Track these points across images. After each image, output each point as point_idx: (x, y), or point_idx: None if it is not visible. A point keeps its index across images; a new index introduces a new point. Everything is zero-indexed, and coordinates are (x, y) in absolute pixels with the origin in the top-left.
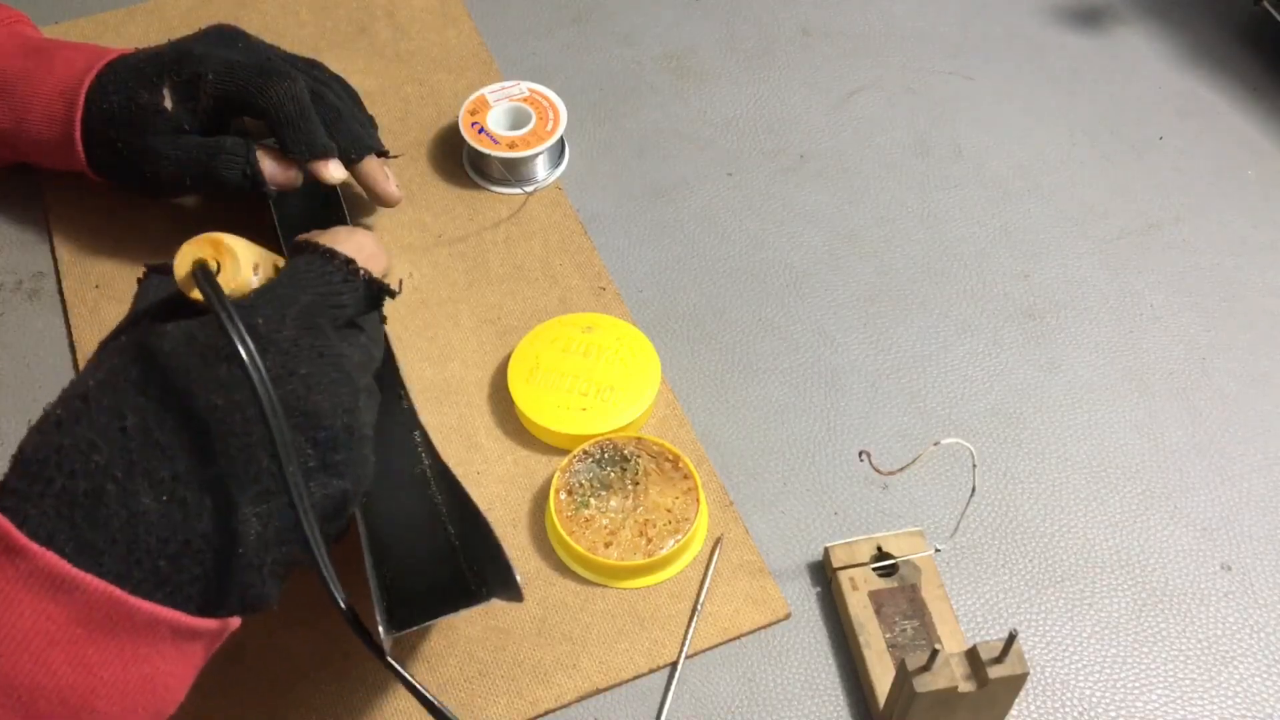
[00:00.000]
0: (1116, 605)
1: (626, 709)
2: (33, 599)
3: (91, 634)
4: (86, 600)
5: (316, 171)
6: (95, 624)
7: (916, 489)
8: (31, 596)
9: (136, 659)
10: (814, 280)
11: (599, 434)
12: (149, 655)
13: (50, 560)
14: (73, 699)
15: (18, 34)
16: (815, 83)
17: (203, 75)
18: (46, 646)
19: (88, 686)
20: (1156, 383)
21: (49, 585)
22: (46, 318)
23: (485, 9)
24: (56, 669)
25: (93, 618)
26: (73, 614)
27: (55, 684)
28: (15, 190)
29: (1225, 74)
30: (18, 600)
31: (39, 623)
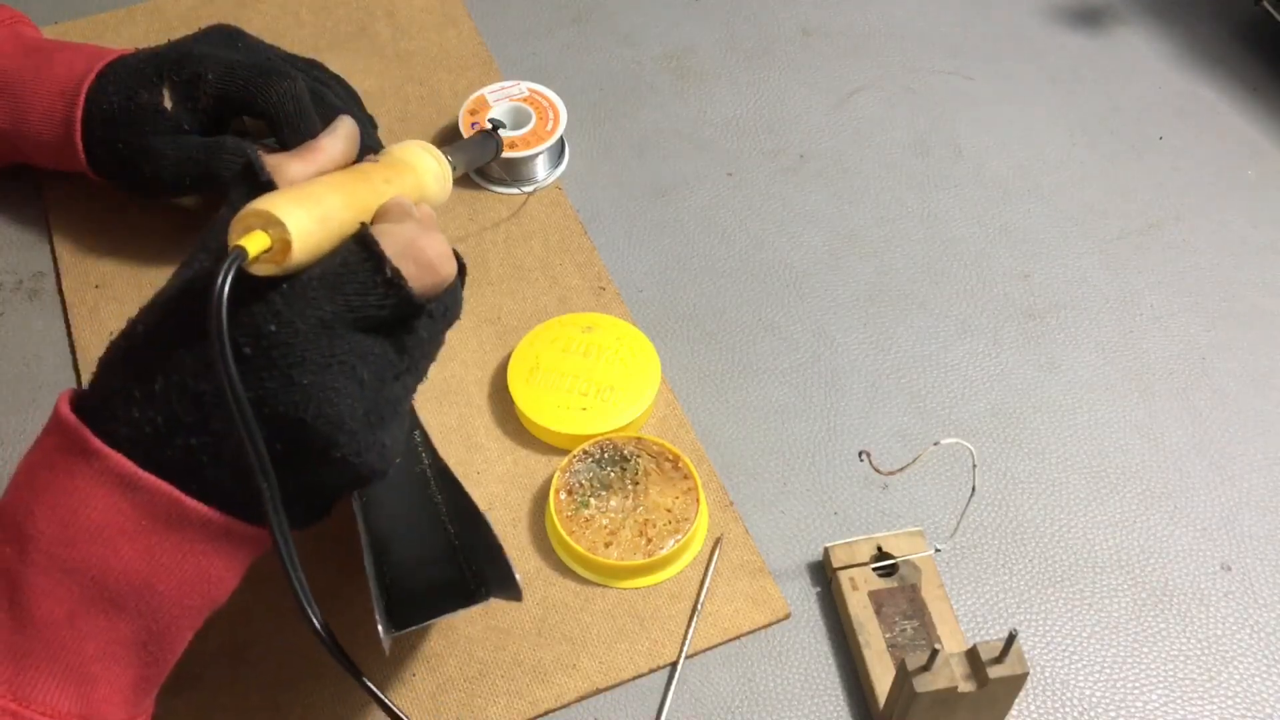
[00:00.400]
0: (1116, 605)
1: (626, 709)
2: (105, 494)
3: (155, 526)
4: (151, 499)
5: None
6: (159, 518)
7: (916, 489)
8: (105, 492)
9: (193, 552)
10: (814, 280)
11: (599, 434)
12: (204, 550)
13: (120, 462)
14: (138, 581)
15: (18, 34)
16: (815, 83)
17: (203, 75)
18: (117, 536)
19: (151, 571)
20: (1156, 383)
21: (120, 484)
22: (46, 318)
23: (485, 9)
24: (125, 555)
25: (156, 513)
26: (139, 509)
27: (124, 567)
28: (15, 190)
29: (1225, 74)
30: (93, 495)
31: (111, 516)
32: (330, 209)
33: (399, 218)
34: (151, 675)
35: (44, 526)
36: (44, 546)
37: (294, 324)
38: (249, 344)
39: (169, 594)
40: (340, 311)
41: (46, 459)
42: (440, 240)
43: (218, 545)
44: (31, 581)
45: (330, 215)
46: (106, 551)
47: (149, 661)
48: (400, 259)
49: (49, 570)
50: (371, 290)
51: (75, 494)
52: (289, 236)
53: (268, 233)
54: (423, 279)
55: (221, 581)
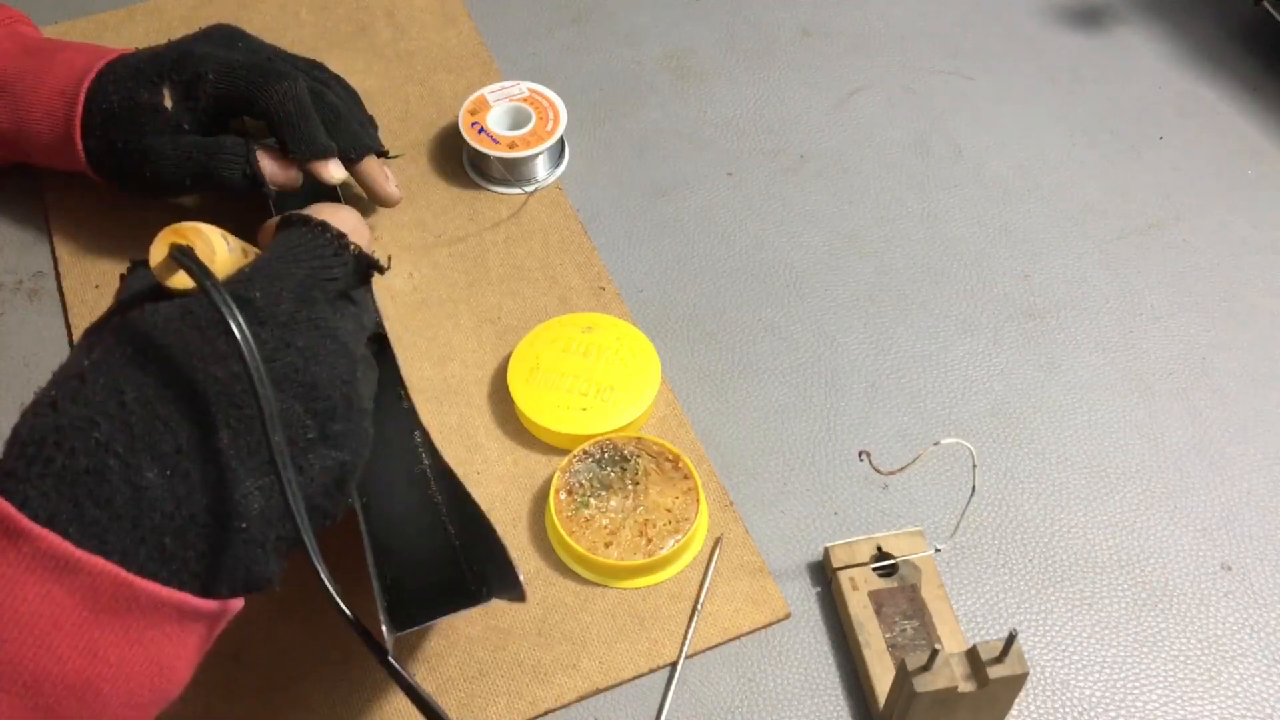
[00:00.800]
0: (1116, 605)
1: (626, 709)
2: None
3: (97, 617)
4: (91, 582)
5: (317, 172)
6: (100, 606)
7: (916, 489)
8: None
9: (142, 641)
10: (814, 280)
11: (599, 434)
12: (154, 638)
13: (53, 542)
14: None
15: (18, 34)
16: (815, 83)
17: (203, 75)
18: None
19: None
20: (1156, 383)
21: (53, 568)
22: (46, 318)
23: (485, 9)
24: (62, 653)
25: (98, 600)
26: (78, 597)
27: (61, 669)
28: (15, 190)
29: (1225, 74)
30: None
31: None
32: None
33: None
34: None
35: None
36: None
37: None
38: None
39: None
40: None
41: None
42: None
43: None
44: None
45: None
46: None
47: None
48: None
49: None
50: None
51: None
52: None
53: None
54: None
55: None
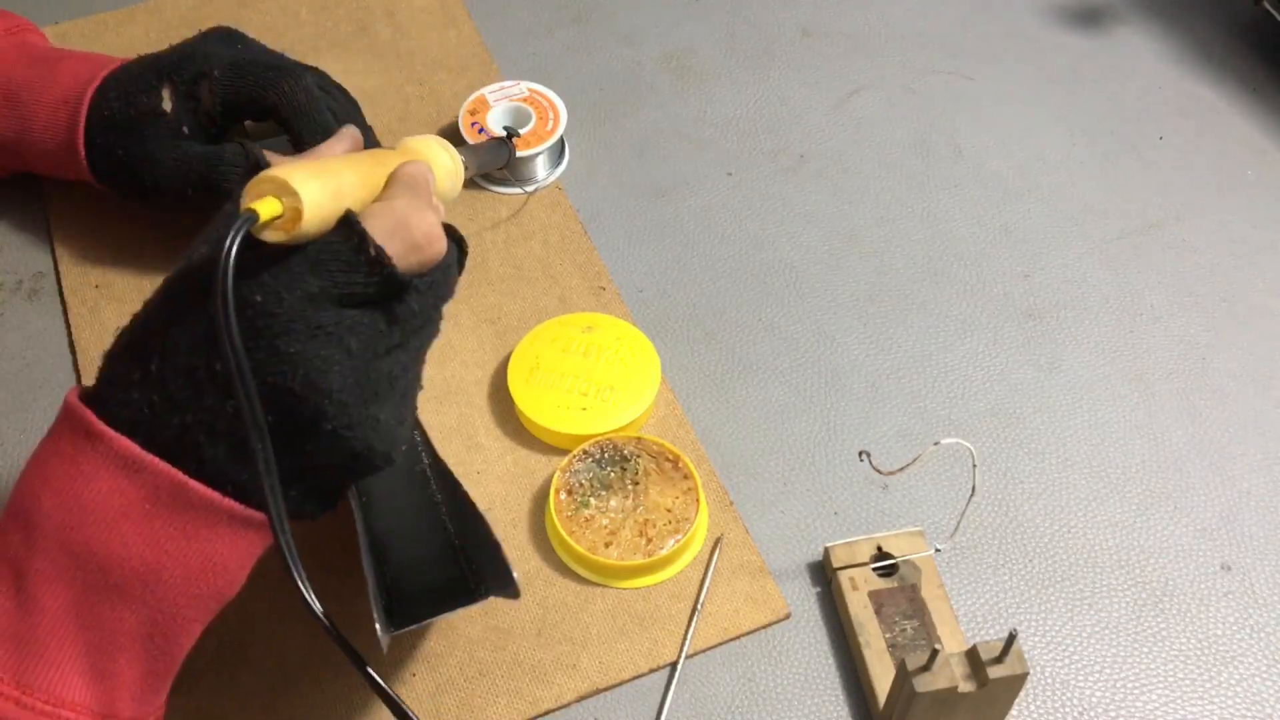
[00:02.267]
0: (1116, 605)
1: (626, 709)
2: (110, 477)
3: (159, 510)
4: (155, 481)
5: None
6: (162, 502)
7: (916, 489)
8: (109, 475)
9: (198, 538)
10: (814, 280)
11: (599, 434)
12: (209, 536)
13: (125, 444)
14: (142, 568)
15: (24, 43)
16: (815, 83)
17: (208, 74)
18: (120, 518)
19: (155, 558)
20: (1156, 383)
21: (123, 466)
22: (46, 318)
23: (485, 9)
24: (129, 539)
25: (159, 497)
26: (143, 492)
27: (127, 552)
28: (15, 191)
29: (1225, 74)
30: (97, 478)
31: (115, 498)
32: (345, 185)
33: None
34: (160, 669)
35: (49, 511)
36: (49, 532)
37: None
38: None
39: (175, 582)
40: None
41: (53, 446)
42: (430, 219)
43: (223, 530)
44: (37, 568)
45: (344, 192)
46: (110, 536)
47: (156, 655)
48: (388, 237)
49: (54, 556)
50: (356, 268)
51: (79, 478)
52: (300, 205)
53: (280, 200)
54: (409, 257)
55: (228, 571)
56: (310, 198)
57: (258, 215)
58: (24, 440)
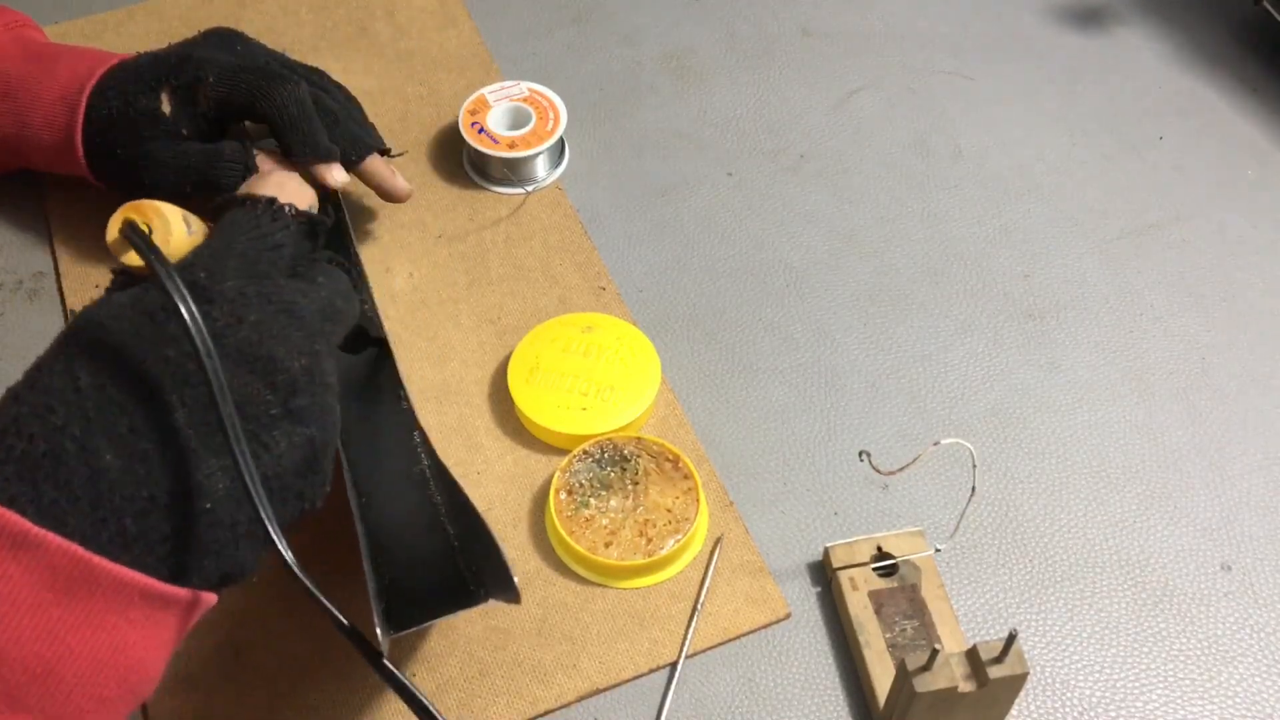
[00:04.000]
0: (1116, 605)
1: (626, 709)
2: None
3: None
4: (49, 560)
5: (319, 175)
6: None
7: (916, 489)
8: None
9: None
10: (814, 280)
11: (599, 434)
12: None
13: (8, 518)
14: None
15: (22, 38)
16: (815, 83)
17: (203, 79)
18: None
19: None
20: (1156, 383)
21: (10, 545)
22: (46, 318)
23: (485, 9)
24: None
25: (56, 580)
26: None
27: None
28: (15, 191)
29: (1225, 74)
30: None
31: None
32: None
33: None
34: None
35: None
36: None
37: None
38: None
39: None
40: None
41: None
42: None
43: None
44: None
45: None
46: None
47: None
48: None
49: None
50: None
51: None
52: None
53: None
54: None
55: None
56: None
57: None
58: None
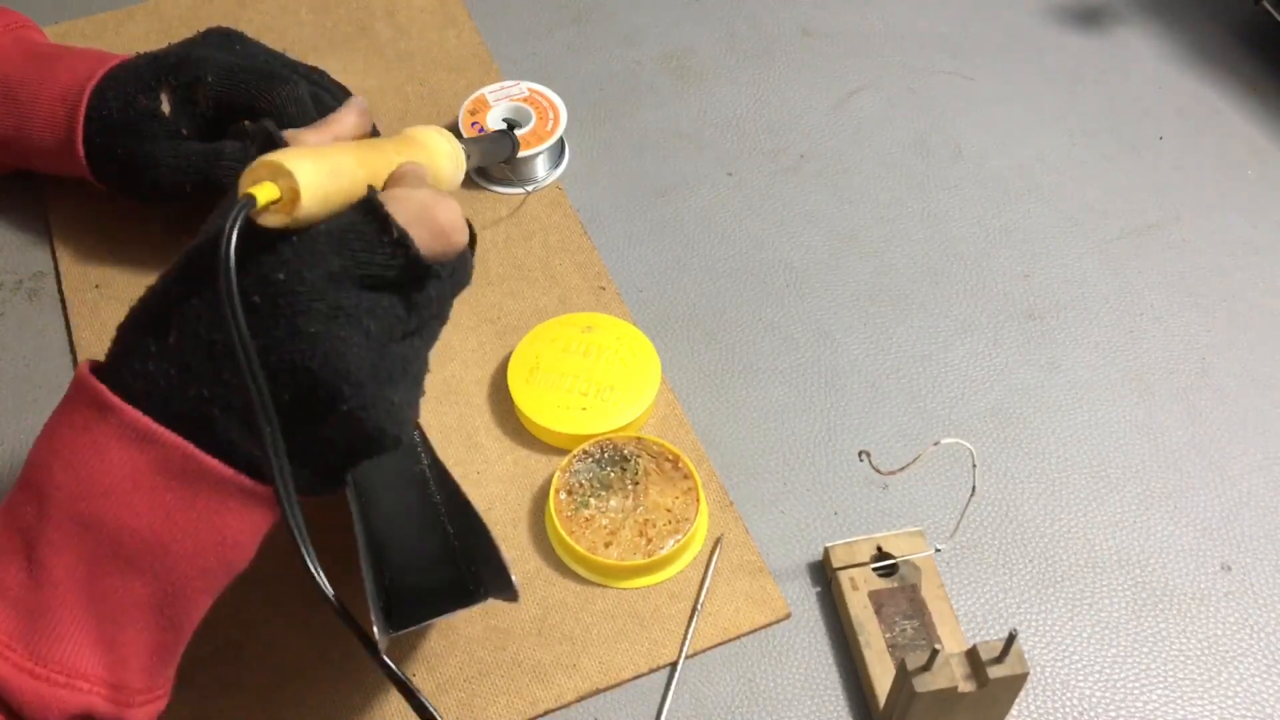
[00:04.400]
0: (1116, 605)
1: (626, 709)
2: (122, 449)
3: (169, 482)
4: (166, 453)
5: None
6: (173, 474)
7: (916, 489)
8: (121, 446)
9: (208, 510)
10: (814, 280)
11: (599, 434)
12: (219, 509)
13: (137, 416)
14: (153, 539)
15: (23, 39)
16: (815, 83)
17: (202, 79)
18: (131, 490)
19: (166, 529)
20: (1156, 383)
21: (136, 438)
22: (46, 318)
23: (485, 9)
24: (140, 510)
25: (170, 469)
26: (155, 464)
27: (138, 523)
28: (15, 190)
29: (1225, 74)
30: (109, 449)
31: (127, 470)
32: (341, 165)
33: (414, 183)
34: (169, 642)
35: (61, 483)
36: (61, 503)
37: (301, 274)
38: (257, 293)
39: (185, 554)
40: (347, 266)
41: (65, 418)
42: (453, 207)
43: (233, 504)
44: (49, 538)
45: (341, 171)
46: (121, 508)
47: (166, 626)
48: (413, 223)
49: (66, 527)
50: (378, 249)
51: (91, 449)
52: (297, 186)
53: (277, 183)
54: (433, 244)
55: (238, 545)
56: (306, 178)
57: (255, 199)
58: (24, 440)
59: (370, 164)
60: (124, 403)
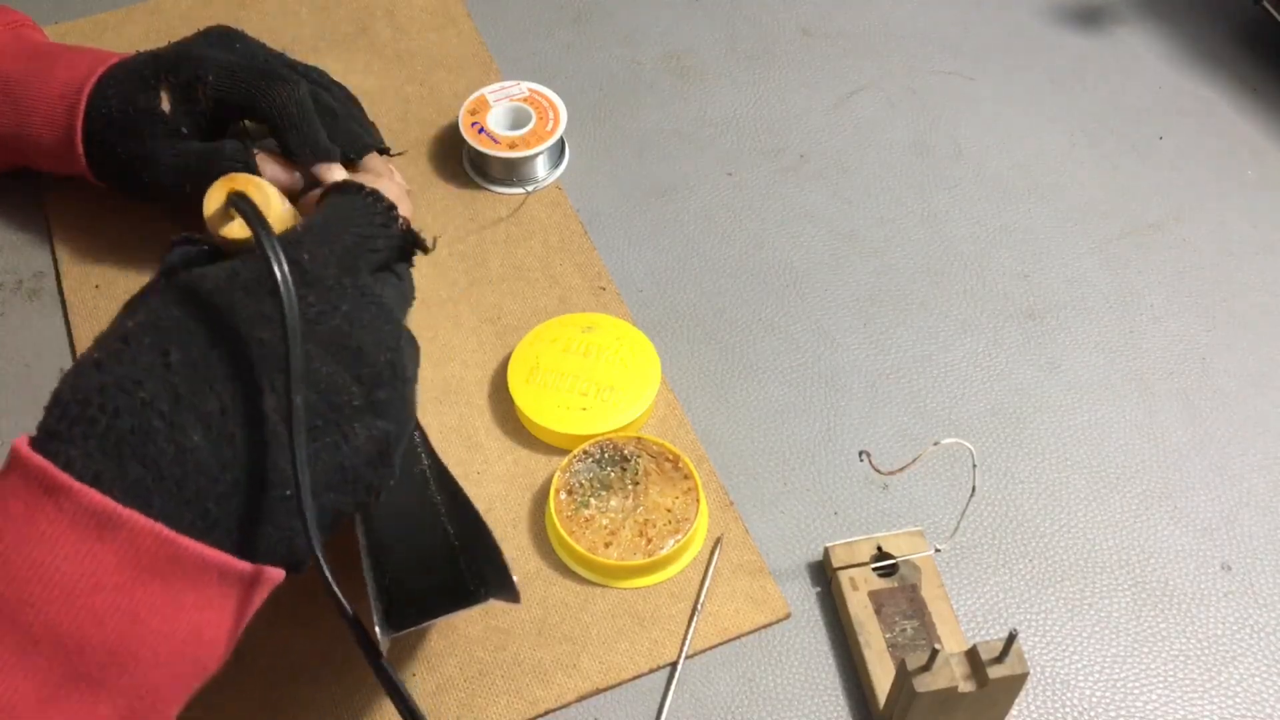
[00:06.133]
0: (1116, 605)
1: (626, 709)
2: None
3: (139, 577)
4: (134, 540)
5: (319, 175)
6: (143, 566)
7: (916, 489)
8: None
9: (184, 606)
10: (814, 280)
11: (599, 434)
12: (196, 603)
13: (95, 498)
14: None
15: (22, 38)
16: (815, 83)
17: (201, 78)
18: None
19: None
20: (1156, 383)
21: (94, 525)
22: (46, 318)
23: (485, 9)
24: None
25: (140, 560)
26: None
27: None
28: (15, 190)
29: (1225, 74)
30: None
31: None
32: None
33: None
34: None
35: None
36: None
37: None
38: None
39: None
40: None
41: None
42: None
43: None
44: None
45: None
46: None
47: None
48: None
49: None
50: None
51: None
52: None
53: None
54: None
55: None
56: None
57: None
58: None
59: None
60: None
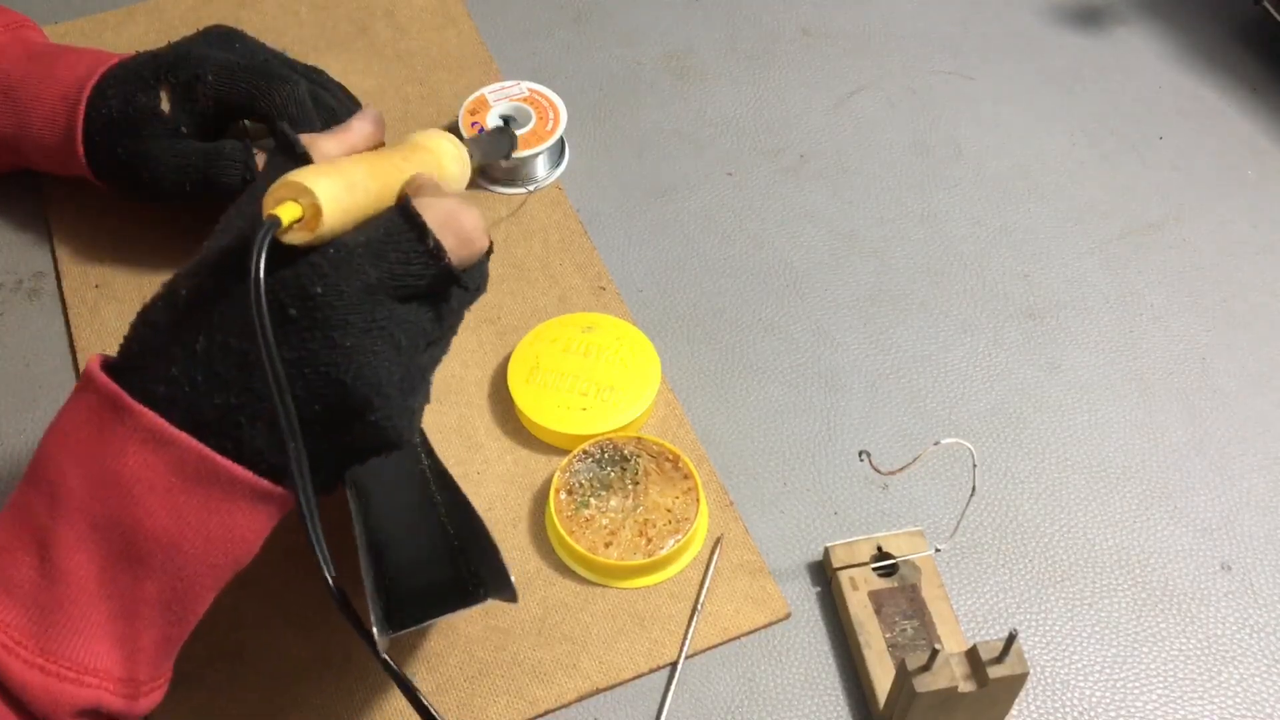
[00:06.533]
0: (1116, 605)
1: (626, 709)
2: (138, 451)
3: (184, 484)
4: (181, 455)
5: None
6: (187, 476)
7: (916, 489)
8: (137, 449)
9: (219, 510)
10: (814, 280)
11: (599, 434)
12: (230, 510)
13: (154, 419)
14: (165, 539)
15: (22, 39)
16: (815, 83)
17: (201, 77)
18: (147, 492)
19: (178, 529)
20: (1156, 383)
21: (152, 440)
22: (46, 318)
23: (485, 9)
24: (154, 511)
25: (185, 471)
26: (170, 466)
27: (152, 524)
28: (15, 190)
29: (1225, 74)
30: (125, 452)
31: (142, 471)
32: (356, 178)
33: (433, 191)
34: (174, 635)
35: (75, 482)
36: (76, 503)
37: (339, 287)
38: (295, 305)
39: (195, 552)
40: (384, 278)
41: (79, 415)
42: (476, 214)
43: (243, 504)
44: (62, 537)
45: (356, 184)
46: (135, 508)
47: (173, 621)
48: (440, 230)
49: (79, 526)
50: (414, 259)
51: (107, 450)
52: (319, 203)
53: (299, 202)
54: (460, 251)
55: (245, 541)
56: (326, 194)
57: (280, 220)
58: (24, 440)
59: (382, 175)
60: (141, 406)
